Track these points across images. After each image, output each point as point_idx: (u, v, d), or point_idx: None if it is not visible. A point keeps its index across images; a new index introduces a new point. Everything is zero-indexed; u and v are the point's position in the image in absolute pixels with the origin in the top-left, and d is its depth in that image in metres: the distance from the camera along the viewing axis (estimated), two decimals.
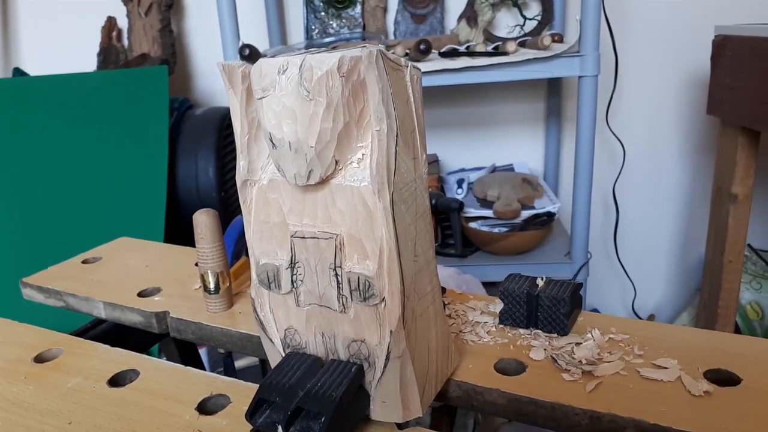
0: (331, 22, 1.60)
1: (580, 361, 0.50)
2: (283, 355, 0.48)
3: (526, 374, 0.50)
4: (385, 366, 0.43)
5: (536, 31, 1.52)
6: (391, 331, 0.42)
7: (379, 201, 0.40)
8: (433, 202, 1.40)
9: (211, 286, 0.62)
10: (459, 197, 1.47)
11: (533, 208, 1.42)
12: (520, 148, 1.65)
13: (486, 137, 1.65)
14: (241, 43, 1.29)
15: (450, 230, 1.43)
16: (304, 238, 0.43)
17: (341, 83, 0.39)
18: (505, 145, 1.65)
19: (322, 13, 1.60)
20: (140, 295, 0.68)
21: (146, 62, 1.50)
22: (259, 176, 0.45)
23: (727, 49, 1.26)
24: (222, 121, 1.52)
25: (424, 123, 0.45)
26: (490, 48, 1.35)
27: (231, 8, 1.28)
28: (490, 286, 1.34)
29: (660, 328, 0.55)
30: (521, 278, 0.57)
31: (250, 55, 1.29)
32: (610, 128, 1.52)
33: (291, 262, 0.44)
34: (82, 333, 0.71)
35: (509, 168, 1.62)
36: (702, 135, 1.57)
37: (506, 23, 1.56)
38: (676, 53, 1.51)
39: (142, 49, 1.56)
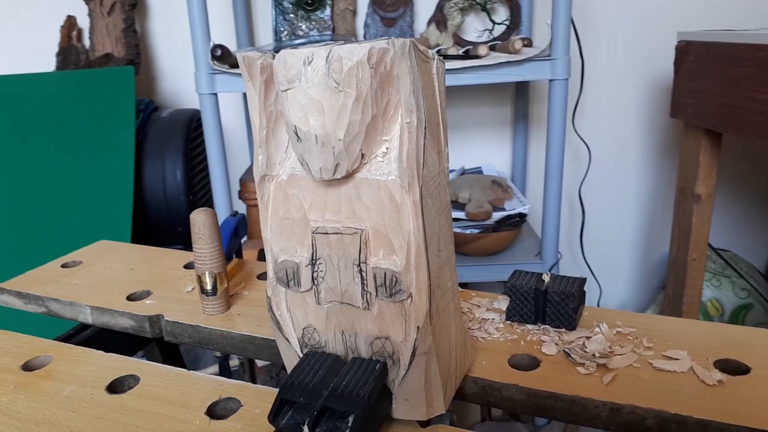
0: (300, 24, 1.59)
1: (594, 355, 0.50)
2: (300, 355, 0.46)
3: (541, 369, 0.50)
4: (410, 363, 0.43)
5: (505, 36, 1.54)
6: (418, 327, 0.41)
7: (409, 195, 0.40)
8: None
9: (209, 287, 0.60)
10: None
11: (504, 209, 1.44)
12: (488, 150, 1.67)
13: (455, 140, 1.66)
14: (212, 44, 1.27)
15: None
16: (326, 233, 0.42)
17: (370, 74, 0.39)
18: (474, 147, 1.67)
19: (291, 15, 1.59)
20: (129, 298, 0.66)
21: (110, 62, 1.46)
22: (277, 171, 0.44)
23: (690, 54, 1.31)
24: (189, 123, 1.48)
25: (446, 117, 0.44)
26: (461, 52, 1.36)
27: (201, 8, 1.25)
28: (462, 287, 1.35)
29: (664, 321, 0.56)
30: (527, 274, 0.58)
31: (222, 55, 1.27)
32: (576, 131, 1.55)
33: (312, 259, 0.43)
34: (65, 340, 0.68)
35: (478, 170, 1.63)
36: (665, 137, 1.62)
37: (475, 27, 1.58)
38: (640, 58, 1.56)
39: (105, 49, 1.51)
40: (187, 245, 1.23)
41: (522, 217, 1.42)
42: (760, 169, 1.64)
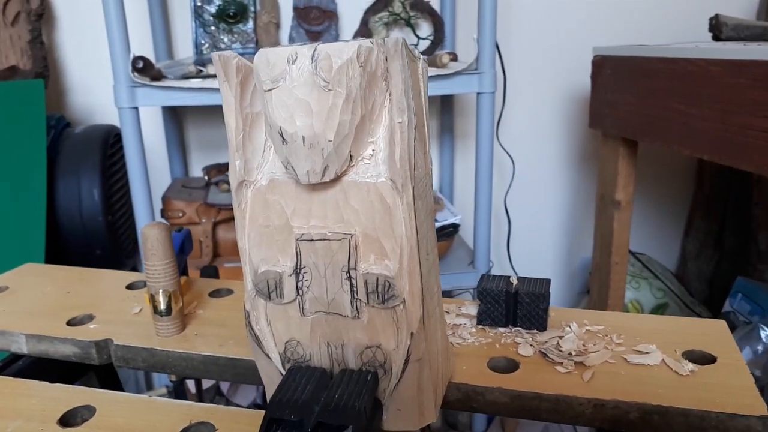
0: (222, 37, 1.55)
1: (570, 353, 0.51)
2: (283, 371, 0.44)
3: (521, 371, 0.50)
4: (403, 371, 0.41)
5: (429, 51, 1.57)
6: (411, 333, 0.40)
7: (403, 196, 0.39)
8: None
9: (163, 306, 0.57)
10: None
11: (437, 220, 1.45)
12: None
13: None
14: (133, 55, 1.21)
15: None
16: (312, 240, 0.40)
17: (360, 73, 0.38)
18: None
19: (212, 28, 1.54)
20: (70, 324, 0.60)
21: (16, 76, 1.36)
22: (255, 177, 0.42)
23: (606, 68, 1.38)
24: (106, 139, 1.40)
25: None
26: None
27: (120, 18, 1.19)
28: None
29: (629, 318, 0.57)
30: (495, 278, 0.58)
31: (144, 67, 1.21)
32: (500, 143, 1.60)
33: (296, 268, 0.41)
34: None
35: None
36: (584, 147, 1.69)
37: None
38: (559, 72, 1.63)
39: (9, 62, 1.40)
40: (109, 268, 1.15)
41: (455, 227, 1.44)
42: (669, 175, 1.75)
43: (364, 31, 1.57)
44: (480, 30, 1.30)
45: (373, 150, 0.40)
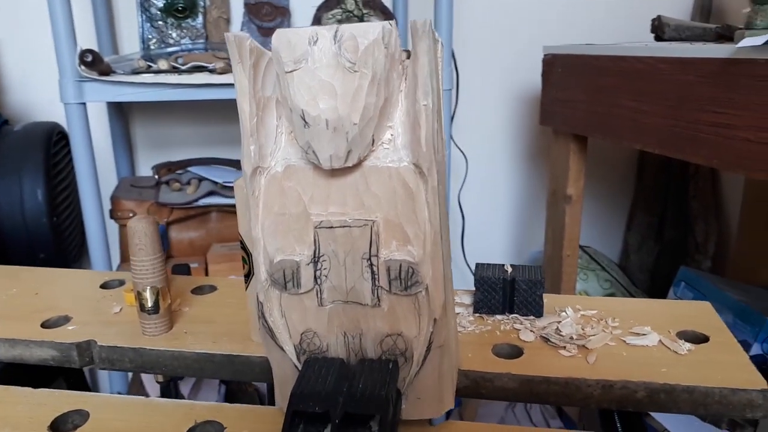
0: (170, 32, 1.50)
1: (571, 338, 0.52)
2: (297, 363, 0.43)
3: (525, 356, 0.50)
4: (424, 358, 0.41)
5: None
6: (435, 320, 0.40)
7: (428, 181, 0.38)
8: None
9: (150, 304, 0.54)
10: None
11: None
12: None
13: None
14: (80, 49, 1.15)
15: None
16: (332, 227, 0.39)
17: (385, 54, 0.37)
18: None
19: (160, 23, 1.49)
20: (45, 326, 0.57)
21: None
22: (268, 163, 0.41)
23: (556, 66, 1.42)
24: (49, 137, 1.33)
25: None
26: None
27: (65, 10, 1.13)
28: None
29: (619, 302, 0.59)
30: (490, 266, 0.58)
31: (94, 61, 1.15)
32: (453, 141, 1.61)
33: (314, 256, 0.40)
34: None
35: None
36: (535, 144, 1.73)
37: None
38: (510, 71, 1.66)
39: None
40: None
41: None
42: (611, 171, 1.81)
43: None
44: (436, 27, 1.31)
45: (391, 135, 0.40)
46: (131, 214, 1.34)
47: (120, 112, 1.53)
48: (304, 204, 0.40)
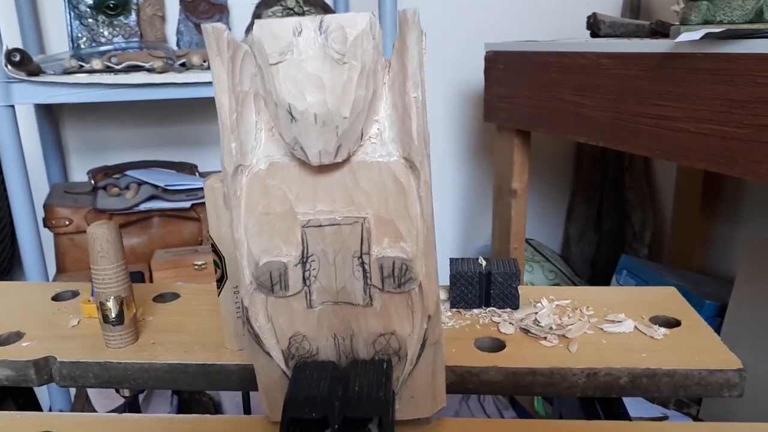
0: (102, 31, 1.43)
1: (550, 328, 0.52)
2: (285, 369, 0.41)
3: (509, 348, 0.50)
4: (418, 356, 0.40)
5: None
6: (429, 316, 0.39)
7: (420, 175, 0.37)
8: None
9: (113, 315, 0.51)
10: None
11: None
12: None
13: None
14: (6, 48, 1.08)
15: None
16: (321, 226, 0.38)
17: (373, 45, 0.36)
18: None
19: (90, 20, 1.42)
20: None
21: None
22: (250, 161, 0.39)
23: (498, 63, 1.44)
24: None
25: None
26: None
27: None
28: None
29: (589, 291, 0.60)
30: (464, 261, 0.58)
31: (22, 61, 1.09)
32: None
33: (302, 257, 0.39)
34: None
35: None
36: (479, 140, 1.75)
37: None
38: (453, 69, 1.67)
39: None
40: None
41: None
42: (550, 165, 1.85)
43: None
44: (383, 24, 1.31)
45: (378, 129, 0.39)
46: (67, 222, 1.27)
47: (49, 115, 1.45)
48: (290, 202, 0.38)
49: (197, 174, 1.47)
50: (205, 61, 1.26)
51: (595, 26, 1.41)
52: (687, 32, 0.95)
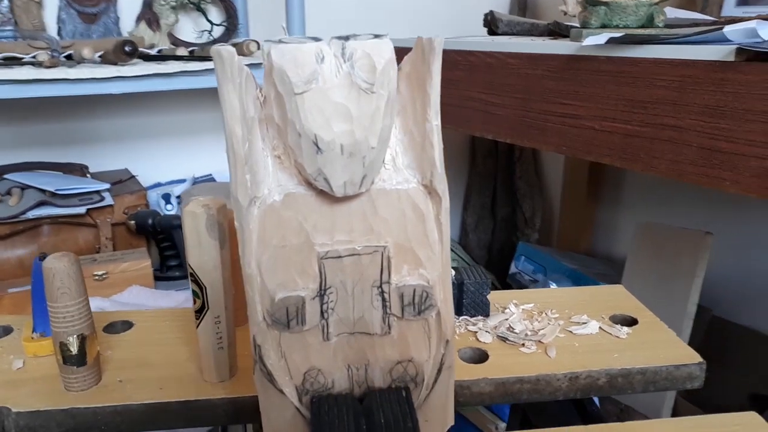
0: None
1: (525, 334, 0.54)
2: (298, 405, 0.39)
3: (492, 358, 0.52)
4: (435, 381, 0.40)
5: (224, 38, 1.48)
6: (447, 341, 0.39)
7: (441, 202, 0.37)
8: (150, 221, 1.25)
9: (75, 354, 0.46)
10: (172, 213, 1.35)
11: None
12: (218, 157, 1.59)
13: (184, 147, 1.54)
14: None
15: (172, 251, 1.30)
16: (340, 257, 0.37)
17: (396, 73, 0.35)
18: (203, 154, 1.57)
19: None
20: None
21: None
22: (262, 192, 0.36)
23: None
24: None
25: None
26: (187, 52, 1.28)
27: None
28: None
29: (549, 293, 0.62)
30: None
31: None
32: None
33: (320, 289, 0.37)
34: None
35: (210, 178, 1.54)
36: None
37: (192, 28, 1.48)
38: None
39: None
40: None
41: None
42: (446, 157, 1.91)
43: (148, 14, 1.43)
44: (288, 18, 1.28)
45: (391, 155, 0.38)
46: None
47: None
48: (306, 233, 0.37)
49: (88, 175, 1.36)
50: (98, 55, 1.16)
51: (493, 24, 1.46)
52: (592, 36, 1.01)
